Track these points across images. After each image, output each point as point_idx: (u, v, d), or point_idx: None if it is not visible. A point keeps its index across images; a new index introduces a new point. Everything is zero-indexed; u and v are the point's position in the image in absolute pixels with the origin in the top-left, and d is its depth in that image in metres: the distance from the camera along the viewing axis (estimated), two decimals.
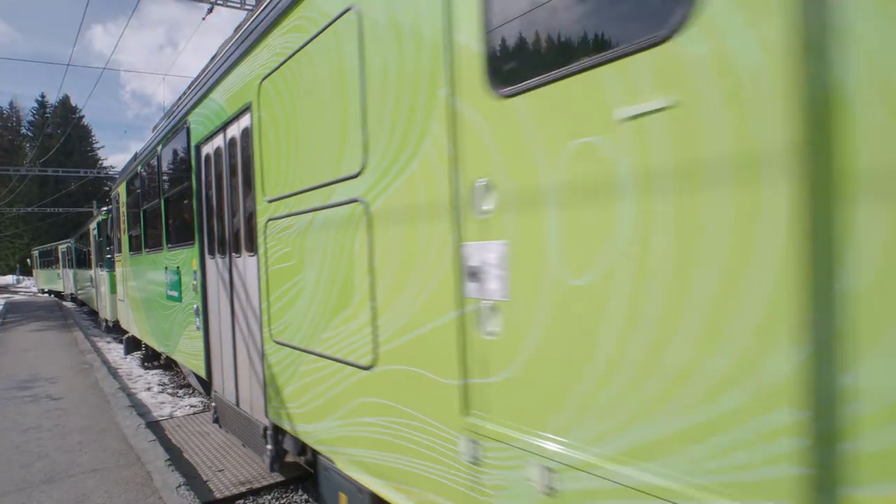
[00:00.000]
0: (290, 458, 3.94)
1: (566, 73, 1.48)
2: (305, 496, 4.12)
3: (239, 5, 12.11)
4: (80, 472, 4.71)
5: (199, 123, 4.76)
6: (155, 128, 7.04)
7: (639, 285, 1.35)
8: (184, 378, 8.21)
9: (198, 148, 4.82)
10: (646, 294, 1.34)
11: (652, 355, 1.33)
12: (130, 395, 7.47)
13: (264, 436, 3.72)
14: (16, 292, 40.22)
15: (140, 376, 8.86)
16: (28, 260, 47.78)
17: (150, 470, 4.64)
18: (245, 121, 3.74)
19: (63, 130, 48.20)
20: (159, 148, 6.23)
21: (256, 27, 3.36)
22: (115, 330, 11.97)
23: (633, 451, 1.38)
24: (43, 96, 58.83)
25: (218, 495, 4.25)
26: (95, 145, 60.02)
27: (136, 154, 8.01)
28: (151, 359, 9.19)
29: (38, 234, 50.28)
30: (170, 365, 8.96)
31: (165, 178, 6.08)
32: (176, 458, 5.03)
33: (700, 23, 1.20)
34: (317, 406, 2.90)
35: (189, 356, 5.59)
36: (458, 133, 1.85)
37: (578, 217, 1.48)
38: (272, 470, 3.79)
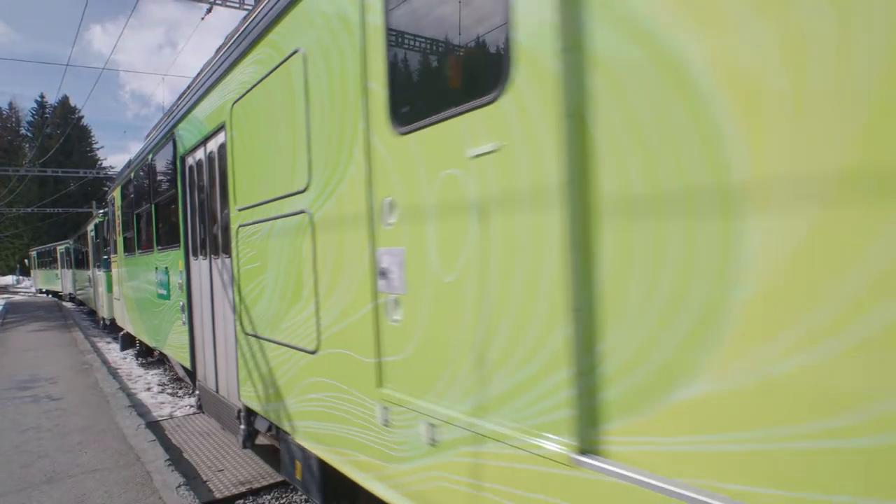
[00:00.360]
0: (261, 440, 4.44)
1: (437, 120, 1.97)
2: (306, 496, 4.10)
3: (238, 5, 12.07)
4: (79, 473, 4.73)
5: (184, 137, 5.29)
6: (147, 136, 7.60)
7: (481, 283, 1.84)
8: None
9: (183, 159, 5.35)
10: (484, 289, 1.83)
11: (489, 337, 1.82)
12: (130, 395, 7.54)
13: (238, 417, 4.27)
14: (16, 293, 40.73)
15: (140, 376, 8.99)
16: (26, 261, 48.44)
17: (149, 470, 4.67)
18: (221, 137, 4.26)
19: (62, 131, 48.88)
20: (150, 157, 6.81)
21: (229, 56, 3.86)
22: (113, 328, 12.53)
23: (480, 407, 1.86)
24: (42, 96, 59.60)
25: (218, 495, 4.29)
26: (95, 146, 60.74)
27: (129, 161, 8.64)
28: (145, 354, 9.84)
29: (38, 234, 50.99)
30: (163, 361, 9.32)
31: (155, 184, 6.64)
32: (176, 458, 5.07)
33: (511, 91, 1.69)
34: (278, 387, 3.41)
35: (177, 349, 6.12)
36: (372, 160, 2.34)
37: (446, 229, 1.97)
38: (244, 447, 4.26)
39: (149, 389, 8.04)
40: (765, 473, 1.19)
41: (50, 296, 34.18)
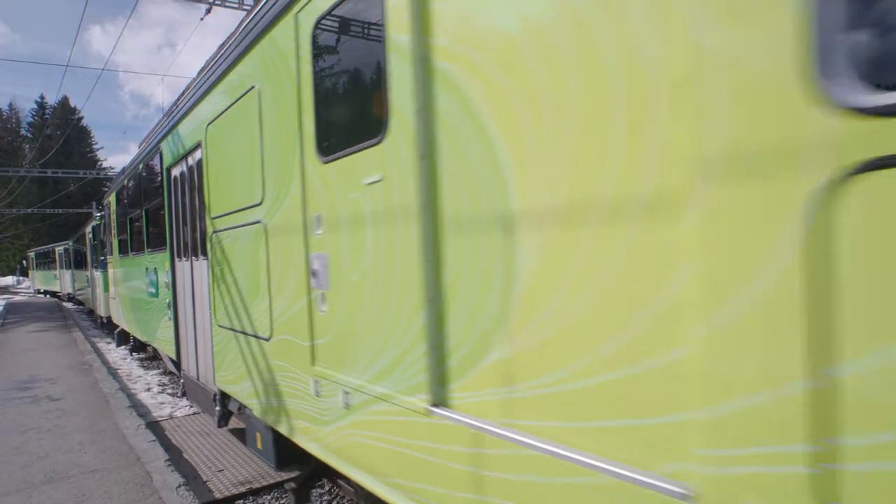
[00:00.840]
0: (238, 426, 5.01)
1: (345, 154, 2.57)
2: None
3: (237, 5, 12.16)
4: (79, 473, 4.80)
5: (169, 150, 5.96)
6: (140, 144, 8.33)
7: (374, 281, 2.45)
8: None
9: (168, 170, 6.03)
10: (375, 285, 2.43)
11: (379, 322, 2.42)
12: (130, 396, 7.63)
13: (214, 400, 4.92)
14: (16, 293, 41.43)
15: (140, 377, 9.15)
16: (24, 262, 49.33)
17: (149, 470, 4.74)
18: (198, 153, 4.90)
19: (62, 131, 49.83)
20: (140, 166, 7.55)
21: (206, 81, 4.51)
22: (110, 326, 13.20)
23: (375, 376, 2.47)
24: (42, 97, 60.71)
25: (218, 495, 4.36)
26: (95, 146, 61.81)
27: (124, 168, 9.46)
28: (139, 350, 10.65)
29: (38, 235, 51.94)
30: (157, 357, 9.87)
31: (145, 191, 7.35)
32: (176, 458, 5.13)
33: (389, 137, 2.30)
34: (243, 371, 4.07)
35: (164, 343, 6.82)
36: (305, 182, 2.95)
37: (353, 239, 2.57)
38: (220, 426, 4.87)
39: (149, 390, 8.22)
40: (541, 410, 1.78)
41: (48, 296, 35.00)
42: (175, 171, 5.82)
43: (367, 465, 2.60)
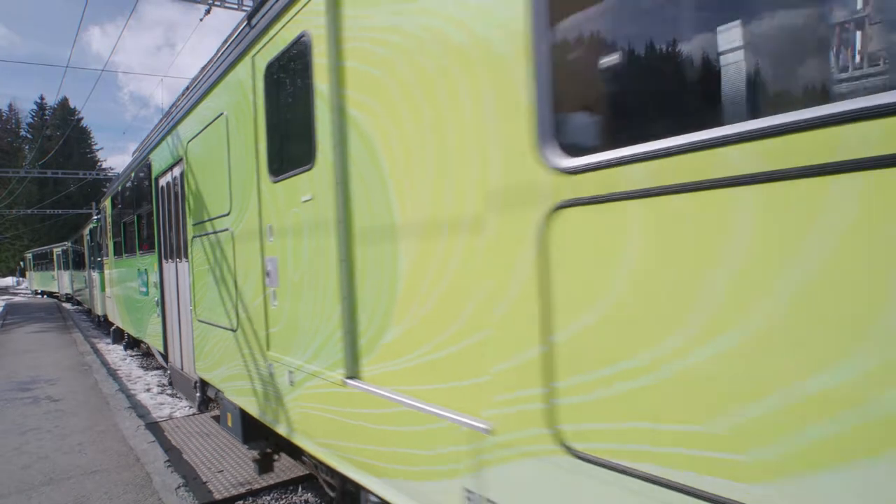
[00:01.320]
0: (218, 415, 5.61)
1: (288, 176, 3.21)
2: (305, 497, 4.46)
3: (236, 6, 12.37)
4: (79, 474, 4.84)
5: (157, 161, 6.64)
6: (134, 152, 9.06)
7: (308, 280, 3.06)
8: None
9: (156, 179, 6.69)
10: (310, 284, 3.05)
11: (311, 314, 3.04)
12: (130, 397, 7.74)
13: (195, 387, 5.58)
14: (16, 294, 42.07)
15: (139, 377, 9.33)
16: (21, 263, 50.14)
17: (149, 471, 4.80)
18: (181, 166, 5.56)
19: (62, 132, 50.69)
20: (133, 174, 8.28)
21: (187, 103, 5.21)
22: (107, 324, 13.89)
23: (310, 357, 3.10)
24: (42, 98, 61.71)
25: (217, 496, 4.45)
26: (95, 147, 62.85)
27: (118, 175, 10.17)
28: (132, 346, 11.46)
29: (38, 235, 52.78)
30: (151, 354, 10.45)
31: (137, 198, 8.06)
32: (175, 459, 5.20)
33: (316, 164, 2.91)
34: (216, 359, 4.72)
35: (154, 337, 7.52)
36: (261, 197, 3.59)
37: (294, 246, 3.19)
38: (200, 411, 5.52)
39: (148, 390, 8.36)
40: (415, 377, 2.39)
41: (45, 296, 35.90)
42: (162, 181, 6.52)
43: (307, 431, 3.26)
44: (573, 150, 1.65)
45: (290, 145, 3.32)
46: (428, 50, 2.18)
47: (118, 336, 12.29)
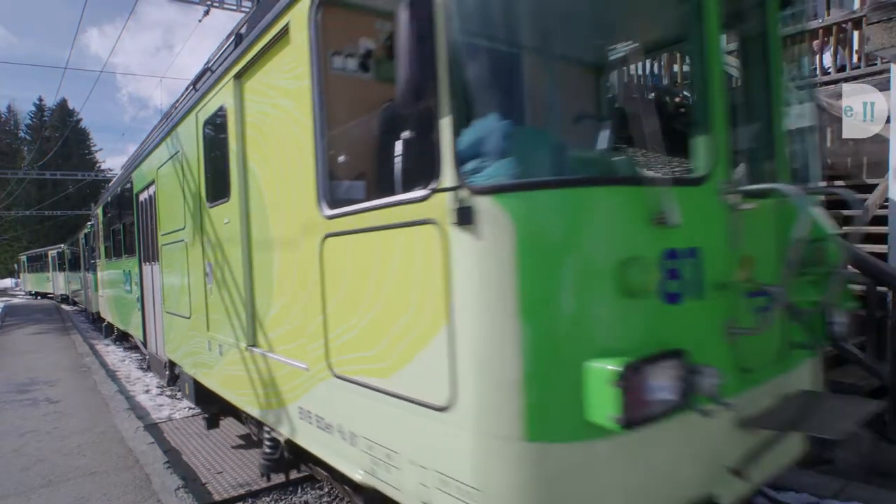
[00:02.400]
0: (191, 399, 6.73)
1: (216, 205, 4.51)
2: (305, 498, 4.49)
3: (235, 7, 12.59)
4: (78, 475, 4.85)
5: (137, 180, 7.99)
6: (123, 167, 10.39)
7: (227, 277, 4.34)
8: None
9: (137, 195, 8.01)
10: (230, 280, 4.35)
11: (231, 302, 4.30)
12: (129, 398, 7.83)
13: (165, 366, 6.91)
14: (14, 295, 42.16)
15: (138, 378, 9.45)
16: (15, 265, 49.95)
17: (148, 472, 4.80)
18: (154, 187, 6.88)
19: (61, 133, 50.29)
20: (118, 189, 9.75)
21: (157, 137, 6.56)
22: (101, 321, 15.06)
23: (229, 333, 4.37)
24: (41, 99, 61.46)
25: (217, 497, 4.48)
26: (94, 148, 62.69)
27: (108, 186, 11.84)
28: (121, 340, 12.71)
29: (37, 237, 52.50)
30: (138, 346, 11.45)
31: (122, 209, 9.37)
32: (175, 460, 5.22)
33: (232, 197, 4.20)
34: (178, 342, 6.07)
35: (136, 328, 8.90)
36: (202, 218, 4.84)
37: (221, 253, 4.47)
38: (168, 385, 6.96)
39: (147, 392, 8.47)
40: (283, 341, 3.60)
41: (39, 297, 37.15)
42: (141, 197, 7.84)
43: (229, 387, 4.62)
44: (332, 205, 2.93)
45: (218, 182, 4.54)
46: (280, 130, 3.44)
47: (109, 331, 13.76)
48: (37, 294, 38.82)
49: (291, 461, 3.96)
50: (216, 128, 4.53)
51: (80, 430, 6.23)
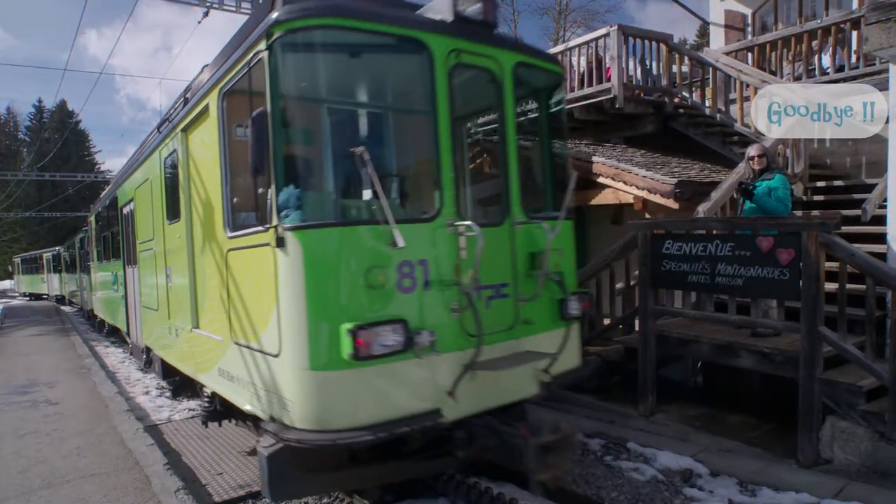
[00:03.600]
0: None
1: (172, 223, 5.97)
2: (305, 500, 4.55)
3: (234, 9, 12.49)
4: (78, 477, 4.83)
5: (121, 196, 9.63)
6: (112, 182, 12.05)
7: (181, 278, 5.83)
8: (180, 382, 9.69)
9: (121, 208, 9.59)
10: (181, 280, 5.82)
11: (183, 295, 5.75)
12: (129, 399, 7.92)
13: (142, 352, 8.46)
14: (13, 297, 42.12)
15: (138, 380, 9.58)
16: (10, 267, 49.97)
17: (148, 474, 4.79)
18: (133, 203, 8.45)
19: (60, 135, 50.18)
20: (107, 201, 11.45)
21: (135, 162, 8.15)
22: (95, 317, 16.33)
23: (181, 319, 5.88)
24: (40, 101, 61.32)
25: (217, 499, 4.48)
26: (93, 149, 62.65)
27: (100, 197, 13.79)
28: (112, 334, 14.17)
29: (37, 238, 52.49)
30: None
31: (110, 218, 11.01)
32: (174, 461, 5.24)
33: (181, 219, 5.63)
34: (151, 330, 7.68)
35: (121, 322, 10.53)
36: (165, 232, 6.39)
37: (176, 260, 5.99)
38: (144, 366, 8.63)
39: (147, 393, 8.58)
40: (211, 323, 4.94)
41: (32, 298, 38.35)
42: (124, 210, 9.40)
43: (182, 361, 6.02)
44: (232, 229, 4.37)
45: (173, 206, 6.00)
46: (207, 173, 4.83)
47: (100, 326, 15.53)
48: (30, 295, 39.58)
49: (222, 412, 5.28)
50: (171, 165, 6.03)
51: (79, 432, 6.24)
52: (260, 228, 3.78)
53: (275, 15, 3.50)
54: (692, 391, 7.40)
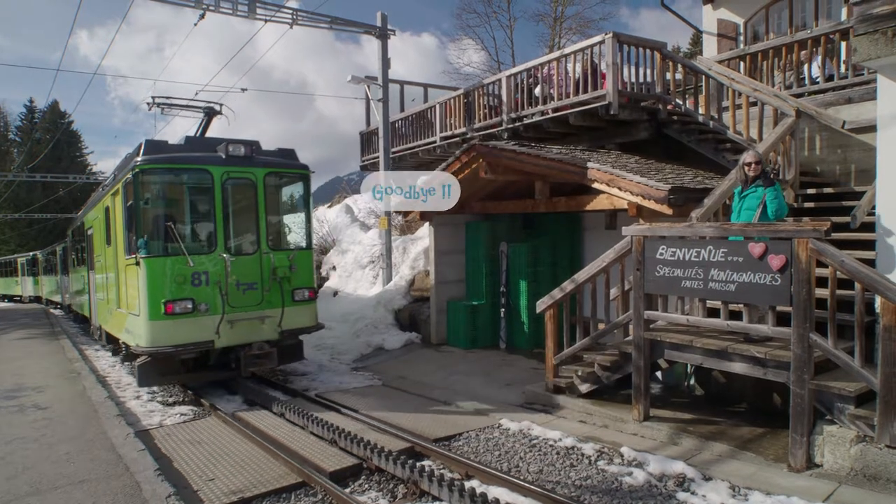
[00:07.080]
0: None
1: (108, 246, 8.26)
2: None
3: (231, 11, 12.53)
4: (67, 484, 4.72)
5: (87, 220, 13.45)
6: (83, 207, 15.53)
7: (115, 281, 8.48)
8: (175, 386, 9.77)
9: (86, 230, 13.40)
10: (116, 283, 8.33)
11: (117, 292, 9.26)
12: (119, 404, 7.78)
13: (97, 329, 12.88)
14: (1, 300, 41.52)
15: (129, 384, 9.32)
16: None
17: (139, 480, 4.71)
18: (92, 229, 12.46)
19: (52, 136, 49.78)
20: (78, 223, 15.76)
21: (97, 198, 10.99)
22: (73, 311, 19.73)
23: (117, 304, 8.52)
24: (31, 101, 60.86)
25: None
26: (85, 150, 62.12)
27: (75, 216, 17.71)
28: (82, 322, 18.04)
29: (26, 240, 51.93)
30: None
31: (81, 235, 14.88)
32: (166, 467, 5.16)
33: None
34: (101, 313, 12.09)
35: (87, 310, 14.76)
36: (105, 251, 9.90)
37: (123, 272, 8.50)
38: (94, 337, 11.95)
39: (138, 398, 8.51)
40: (132, 306, 8.01)
41: (7, 301, 40.21)
42: (88, 231, 13.29)
43: (113, 330, 9.98)
44: (127, 254, 8.31)
45: (108, 236, 9.71)
46: (119, 222, 8.06)
47: (76, 318, 19.67)
48: (3, 297, 42.23)
49: (133, 356, 8.47)
50: (107, 212, 9.89)
51: (68, 438, 6.14)
52: (133, 256, 7.93)
53: (139, 160, 7.87)
54: (685, 396, 7.55)
